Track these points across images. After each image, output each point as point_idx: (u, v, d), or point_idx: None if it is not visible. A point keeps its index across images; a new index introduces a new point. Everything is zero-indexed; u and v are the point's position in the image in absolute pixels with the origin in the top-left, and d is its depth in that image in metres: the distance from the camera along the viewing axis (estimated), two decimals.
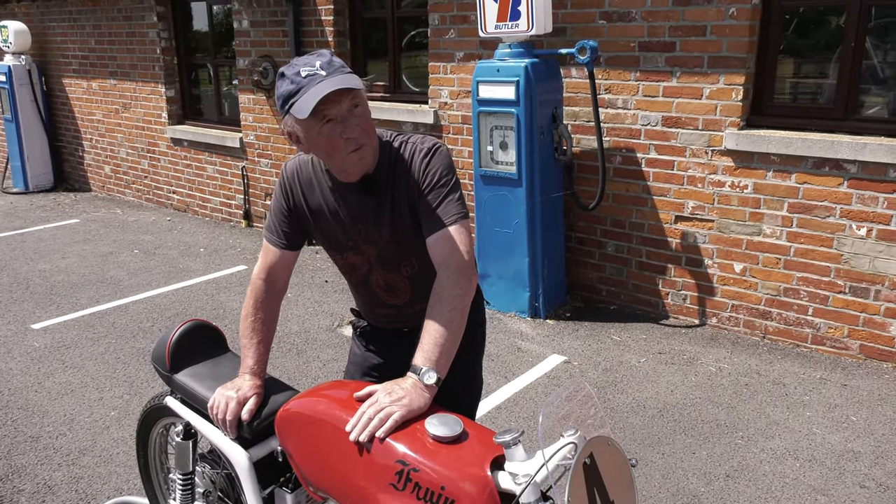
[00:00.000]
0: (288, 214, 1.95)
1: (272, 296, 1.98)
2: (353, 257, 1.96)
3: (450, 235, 1.77)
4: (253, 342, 1.93)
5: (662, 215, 4.62)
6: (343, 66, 1.71)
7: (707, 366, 4.08)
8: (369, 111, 1.78)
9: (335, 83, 1.63)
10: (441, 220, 1.77)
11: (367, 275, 1.98)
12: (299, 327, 4.71)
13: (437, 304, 1.71)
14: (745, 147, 4.18)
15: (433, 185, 1.80)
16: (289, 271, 2.01)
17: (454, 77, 5.33)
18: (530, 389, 3.85)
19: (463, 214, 1.80)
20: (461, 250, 1.76)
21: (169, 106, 7.70)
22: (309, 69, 1.67)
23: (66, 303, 5.21)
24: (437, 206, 1.79)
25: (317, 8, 6.04)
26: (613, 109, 4.65)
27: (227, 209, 7.47)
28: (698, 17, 4.20)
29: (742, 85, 4.14)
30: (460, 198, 1.82)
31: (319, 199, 1.91)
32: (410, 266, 1.94)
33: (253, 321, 1.95)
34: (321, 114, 1.67)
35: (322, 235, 1.97)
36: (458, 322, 1.70)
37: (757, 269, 4.33)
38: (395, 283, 1.97)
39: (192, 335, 2.07)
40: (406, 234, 1.88)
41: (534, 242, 4.64)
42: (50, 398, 3.81)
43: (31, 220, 7.69)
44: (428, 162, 1.81)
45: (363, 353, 2.18)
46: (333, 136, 1.70)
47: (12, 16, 9.19)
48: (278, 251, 1.96)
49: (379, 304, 2.04)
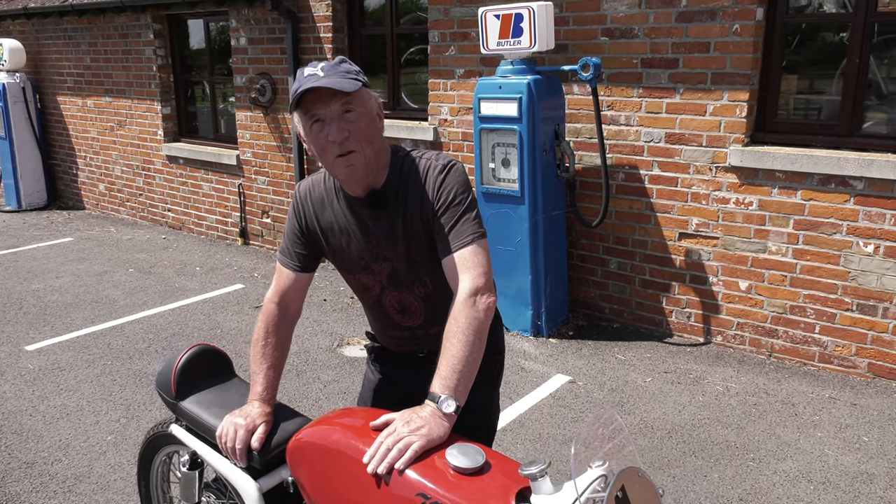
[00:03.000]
0: (301, 235, 1.91)
1: (285, 320, 1.93)
2: (365, 277, 1.91)
3: (466, 256, 1.71)
4: (263, 367, 1.87)
5: (666, 232, 4.58)
6: (347, 72, 1.69)
7: (714, 385, 4.02)
8: (372, 120, 1.73)
9: (321, 83, 1.63)
10: (457, 241, 1.72)
11: (379, 296, 1.93)
12: (298, 347, 4.63)
13: (454, 329, 1.65)
14: (749, 163, 4.15)
15: (448, 203, 1.75)
16: (303, 294, 1.96)
17: (454, 94, 5.31)
18: (535, 410, 3.78)
19: (480, 234, 1.74)
20: (479, 271, 1.70)
21: (164, 123, 7.64)
22: (311, 69, 1.68)
23: (60, 323, 5.12)
24: (453, 226, 1.73)
25: (315, 25, 6.01)
26: (616, 126, 4.62)
27: (222, 227, 7.40)
28: (701, 33, 4.19)
29: (746, 101, 4.12)
30: (477, 216, 1.76)
31: (331, 217, 1.87)
32: (424, 287, 1.89)
33: (264, 346, 1.89)
34: (310, 113, 1.68)
35: (334, 255, 1.92)
36: (476, 347, 1.64)
37: (763, 287, 4.29)
38: (409, 305, 1.92)
39: (197, 361, 2.00)
40: (419, 253, 1.82)
41: (536, 260, 4.59)
42: (45, 422, 3.71)
43: (25, 239, 7.59)
44: (443, 179, 1.76)
45: (378, 379, 2.12)
46: (320, 137, 1.69)
47: (7, 33, 9.15)
48: (292, 274, 1.92)
49: (392, 326, 1.98)
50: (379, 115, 1.78)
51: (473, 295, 1.67)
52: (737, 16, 4.05)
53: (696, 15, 4.18)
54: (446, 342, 1.65)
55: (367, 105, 1.72)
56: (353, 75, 1.69)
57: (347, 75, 1.68)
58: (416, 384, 1.95)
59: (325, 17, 5.94)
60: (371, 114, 1.73)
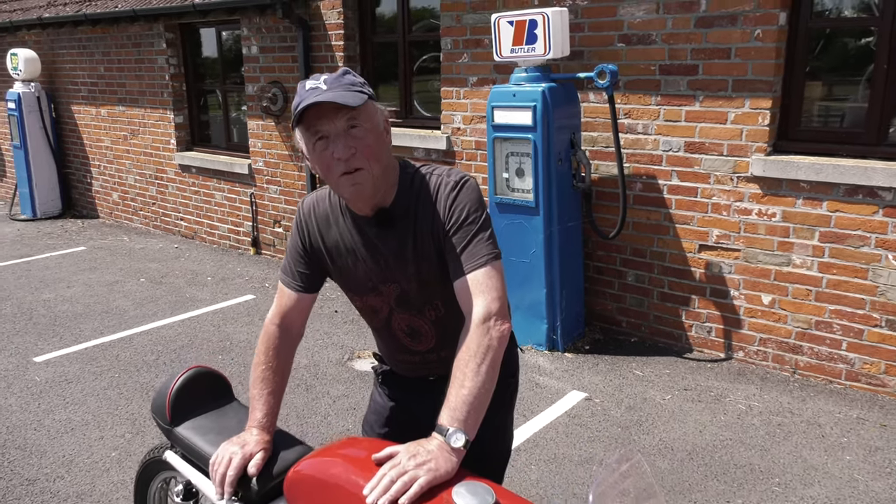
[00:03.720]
0: (304, 254, 1.81)
1: (286, 343, 1.83)
2: (372, 299, 1.81)
3: (480, 279, 1.60)
4: (263, 393, 1.77)
5: (685, 244, 4.45)
6: (352, 84, 1.58)
7: (736, 403, 3.88)
8: (379, 135, 1.63)
9: (324, 97, 1.52)
10: (469, 262, 1.61)
11: (388, 318, 1.83)
12: (308, 361, 4.54)
13: (465, 357, 1.54)
14: (772, 173, 4.02)
15: (461, 222, 1.64)
16: (305, 315, 1.86)
17: (467, 102, 5.21)
18: (551, 429, 3.66)
19: (494, 255, 1.63)
20: (492, 295, 1.59)
21: (177, 132, 7.61)
22: (314, 83, 1.58)
23: (69, 334, 5.07)
24: (465, 247, 1.62)
25: (327, 33, 5.95)
26: (633, 135, 4.50)
27: (234, 236, 7.34)
28: (722, 39, 4.06)
29: (769, 109, 3.99)
30: (491, 236, 1.65)
31: (336, 235, 1.78)
32: (435, 310, 1.78)
33: (264, 370, 1.79)
34: (313, 129, 1.58)
35: (340, 276, 1.83)
36: (489, 377, 1.53)
37: (786, 301, 4.14)
38: (419, 328, 1.82)
39: (194, 384, 1.90)
40: (430, 274, 1.72)
41: (551, 272, 4.48)
42: (49, 437, 3.64)
43: (38, 248, 7.58)
44: (455, 197, 1.66)
45: (385, 403, 2.01)
46: (325, 154, 1.59)
47: (23, 43, 9.18)
48: (294, 294, 1.82)
49: (402, 349, 1.88)
50: (386, 129, 1.67)
51: (486, 321, 1.56)
52: (759, 20, 3.93)
53: (717, 20, 4.06)
54: (456, 370, 1.54)
55: (373, 119, 1.62)
56: (357, 87, 1.59)
57: (352, 88, 1.58)
58: (425, 410, 1.85)
59: (336, 25, 5.87)
60: (378, 128, 1.63)
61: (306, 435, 3.63)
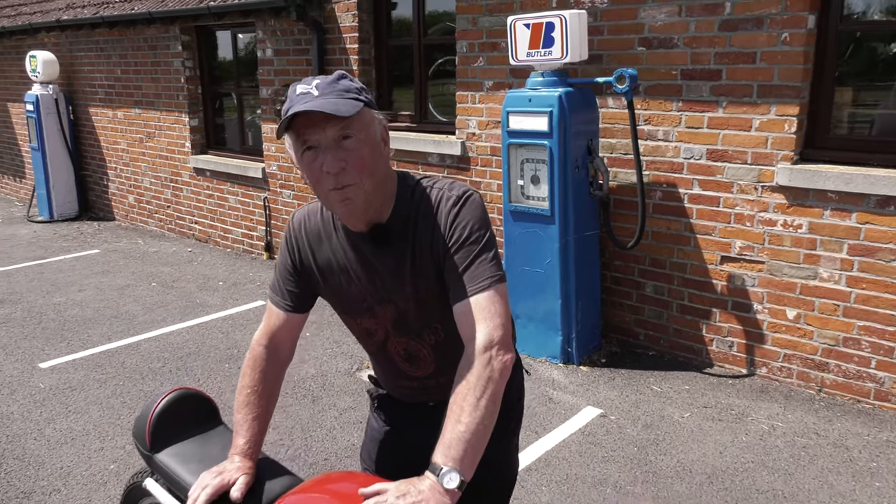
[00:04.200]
0: (294, 272, 1.70)
1: (274, 365, 1.72)
2: (367, 321, 1.69)
3: (482, 304, 1.47)
4: (247, 418, 1.66)
5: (707, 255, 4.28)
6: (346, 90, 1.45)
7: (758, 423, 3.71)
8: (375, 146, 1.49)
9: (314, 105, 1.39)
10: (471, 285, 1.48)
11: (384, 342, 1.71)
12: (316, 370, 4.44)
13: (463, 389, 1.41)
14: (799, 183, 3.84)
15: (462, 241, 1.51)
16: (295, 336, 1.75)
17: (483, 107, 5.08)
18: (563, 447, 3.51)
19: (498, 278, 1.50)
20: (495, 322, 1.45)
21: (192, 135, 7.57)
22: (304, 87, 1.45)
23: (76, 339, 5.01)
24: (467, 268, 1.50)
25: (341, 36, 5.86)
26: (653, 141, 4.34)
27: (248, 240, 7.27)
28: (747, 42, 3.90)
29: (795, 116, 3.82)
30: (495, 257, 1.52)
31: (328, 252, 1.65)
32: (435, 334, 1.66)
33: (249, 394, 1.68)
34: (302, 138, 1.45)
35: (332, 295, 1.71)
36: (488, 412, 1.40)
37: (812, 316, 3.96)
38: (417, 353, 1.69)
39: (177, 407, 1.79)
40: (429, 295, 1.59)
41: (567, 283, 4.33)
42: (48, 447, 3.57)
43: (53, 251, 7.57)
44: (457, 213, 1.53)
45: (382, 429, 1.89)
46: (314, 166, 1.46)
47: (42, 46, 9.20)
48: (283, 314, 1.71)
49: (399, 375, 1.76)
50: (384, 140, 1.54)
51: (488, 350, 1.43)
52: (786, 24, 3.76)
53: (742, 23, 3.90)
54: (453, 404, 1.41)
55: (368, 129, 1.48)
56: (353, 94, 1.46)
57: (346, 94, 1.45)
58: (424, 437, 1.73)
59: (351, 28, 5.78)
60: (374, 139, 1.50)
61: (310, 450, 3.52)
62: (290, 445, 3.57)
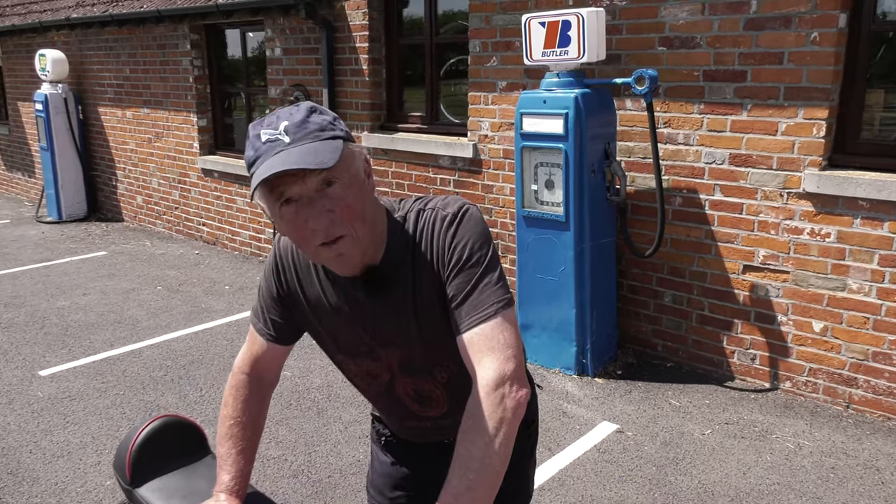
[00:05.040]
0: (278, 302, 1.52)
1: (258, 393, 1.57)
2: (368, 364, 1.52)
3: (488, 334, 1.30)
4: (231, 452, 1.51)
5: (728, 264, 4.11)
6: (321, 129, 1.24)
7: (783, 441, 3.53)
8: (360, 187, 1.28)
9: (289, 161, 1.18)
10: (475, 314, 1.31)
11: (390, 384, 1.55)
12: (322, 381, 4.30)
13: (471, 431, 1.25)
14: (827, 190, 3.66)
15: (462, 263, 1.34)
16: (280, 364, 1.59)
17: (496, 108, 4.93)
18: (578, 466, 3.35)
19: (504, 302, 1.33)
20: (506, 354, 1.28)
21: (200, 136, 7.46)
22: (270, 133, 1.23)
23: (78, 346, 4.90)
24: (469, 294, 1.32)
25: (351, 35, 5.72)
26: (673, 145, 4.17)
27: (256, 243, 7.15)
28: (774, 42, 3.72)
29: (825, 119, 3.64)
30: (500, 279, 1.34)
31: (318, 290, 1.47)
32: (447, 371, 1.50)
33: (232, 425, 1.53)
34: (277, 191, 1.22)
35: (325, 336, 1.53)
36: (501, 455, 1.24)
37: (840, 329, 3.78)
38: (429, 393, 1.53)
39: (161, 437, 1.64)
40: (437, 335, 1.42)
41: (582, 291, 4.17)
42: (44, 461, 3.45)
43: (59, 252, 7.48)
44: (454, 232, 1.35)
45: (390, 463, 1.74)
46: (297, 222, 1.24)
47: (52, 44, 9.13)
48: (266, 343, 1.54)
49: (409, 416, 1.60)
50: (367, 174, 1.32)
51: (499, 387, 1.26)
52: (815, 23, 3.58)
53: (769, 22, 3.72)
54: (460, 447, 1.25)
55: (351, 168, 1.26)
56: (329, 133, 1.24)
57: (321, 135, 1.23)
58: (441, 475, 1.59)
59: (361, 27, 5.63)
60: (359, 178, 1.29)
61: (314, 465, 3.38)
62: (294, 461, 3.43)
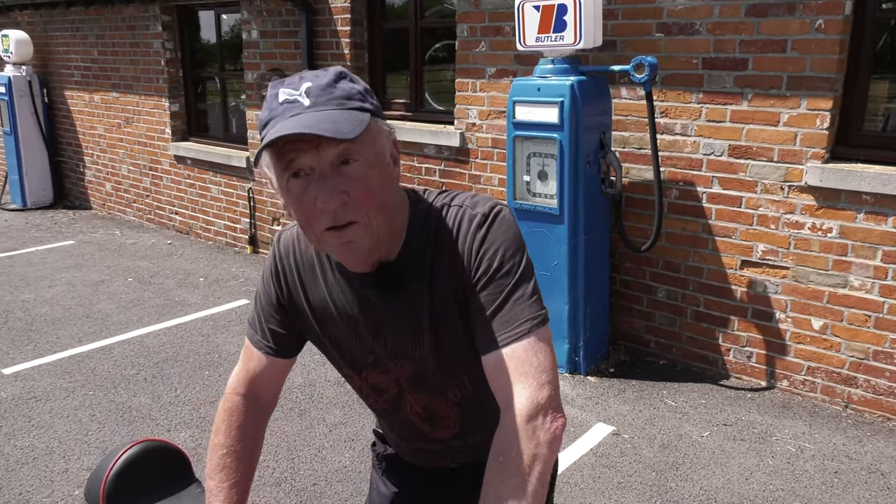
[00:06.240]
0: (279, 309, 1.33)
1: (254, 418, 1.38)
2: (375, 376, 1.34)
3: (520, 356, 1.12)
4: (223, 486, 1.31)
5: (725, 259, 3.99)
6: (348, 98, 1.08)
7: (784, 443, 3.43)
8: (384, 170, 1.12)
9: (304, 124, 1.02)
10: (505, 332, 1.13)
11: (397, 399, 1.36)
12: (303, 380, 4.10)
13: (501, 471, 1.08)
14: (830, 183, 3.55)
15: (492, 273, 1.16)
16: (279, 383, 1.40)
17: (484, 95, 4.74)
18: (576, 471, 3.21)
19: (539, 319, 1.15)
20: (540, 380, 1.11)
21: (173, 121, 7.16)
22: (290, 92, 1.07)
23: (44, 342, 4.64)
24: (499, 309, 1.15)
25: (332, 17, 5.48)
26: (670, 136, 4.03)
27: (231, 233, 6.90)
28: (777, 30, 3.59)
29: (828, 110, 3.52)
30: (535, 292, 1.17)
31: (324, 293, 1.29)
32: (461, 389, 1.32)
33: (224, 455, 1.33)
34: (286, 158, 1.06)
35: (330, 346, 1.34)
36: (534, 498, 1.07)
37: (840, 327, 3.68)
38: (439, 412, 1.36)
39: (140, 464, 1.46)
40: (454, 347, 1.25)
41: (575, 287, 4.02)
42: (7, 468, 3.22)
43: (24, 241, 7.16)
44: (484, 236, 1.17)
45: (392, 493, 1.56)
46: (304, 198, 1.08)
47: (15, 24, 8.73)
48: (265, 358, 1.35)
49: (417, 436, 1.42)
50: (394, 158, 1.16)
51: (532, 418, 1.08)
52: (821, 9, 3.45)
53: (771, 8, 3.58)
54: (489, 489, 1.07)
55: (376, 146, 1.10)
56: (356, 101, 1.08)
57: (347, 104, 1.07)
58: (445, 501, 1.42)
59: (342, 9, 5.40)
60: (383, 160, 1.12)
61: (297, 472, 3.20)
62: (276, 468, 3.24)
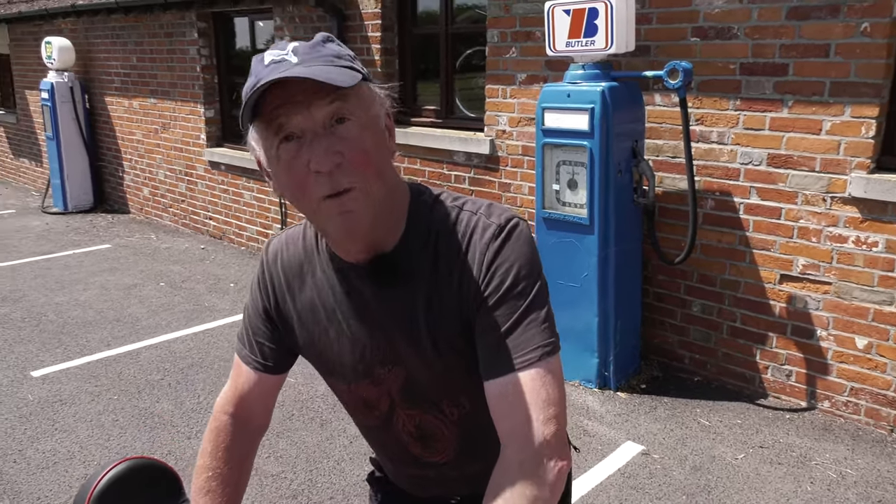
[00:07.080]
0: (266, 320, 1.26)
1: (243, 439, 1.31)
2: (365, 388, 1.24)
3: (527, 386, 1.03)
4: None
5: (763, 273, 3.82)
6: (337, 56, 1.02)
7: (824, 469, 3.25)
8: (379, 135, 1.05)
9: (294, 72, 0.96)
10: (512, 357, 1.04)
11: (388, 416, 1.27)
12: (326, 389, 4.03)
13: None
14: (875, 195, 3.37)
15: (504, 291, 1.06)
16: (271, 401, 1.33)
17: (514, 102, 4.65)
18: (601, 492, 3.09)
19: (550, 348, 1.05)
20: (546, 414, 1.02)
21: (207, 127, 7.22)
22: (277, 53, 1.01)
23: (74, 345, 4.68)
24: (509, 332, 1.05)
25: (363, 24, 5.46)
26: (706, 144, 3.88)
27: (263, 239, 6.92)
28: (819, 33, 3.42)
29: (874, 118, 3.34)
30: (548, 317, 1.07)
31: (312, 293, 1.21)
32: (458, 407, 1.22)
33: (209, 478, 1.27)
34: (276, 123, 0.99)
35: (317, 354, 1.25)
36: None
37: (886, 347, 3.49)
38: (434, 431, 1.25)
39: (127, 483, 1.40)
40: (452, 357, 1.15)
41: (605, 300, 3.89)
42: (28, 472, 3.23)
43: (62, 245, 7.29)
44: (497, 249, 1.07)
45: None
46: (295, 163, 1.00)
47: (58, 32, 8.93)
48: (254, 374, 1.28)
49: (408, 460, 1.32)
50: (389, 130, 1.09)
51: (535, 456, 1.00)
52: (866, 12, 3.28)
53: (813, 11, 3.42)
54: None
55: (370, 110, 1.04)
56: (346, 61, 1.03)
57: (336, 61, 1.01)
58: None
59: (373, 15, 5.37)
60: (377, 124, 1.05)
61: (315, 485, 3.14)
62: (293, 479, 3.19)
